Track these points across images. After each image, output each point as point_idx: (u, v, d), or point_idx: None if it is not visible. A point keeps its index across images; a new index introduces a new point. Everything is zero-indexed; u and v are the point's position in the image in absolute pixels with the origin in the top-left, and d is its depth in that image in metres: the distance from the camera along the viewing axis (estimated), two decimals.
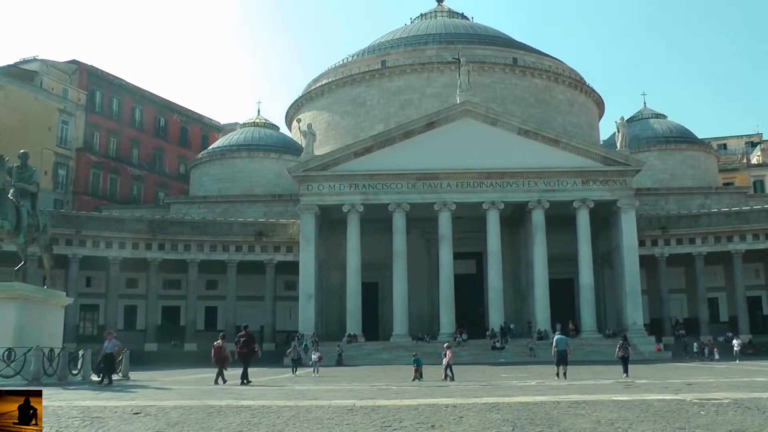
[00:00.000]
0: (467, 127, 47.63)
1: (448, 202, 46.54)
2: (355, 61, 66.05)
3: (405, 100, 60.71)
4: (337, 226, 49.53)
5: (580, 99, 66.75)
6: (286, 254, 50.14)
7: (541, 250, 46.25)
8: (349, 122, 62.79)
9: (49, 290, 24.25)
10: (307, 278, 45.88)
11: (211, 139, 75.91)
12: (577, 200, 46.65)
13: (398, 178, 46.99)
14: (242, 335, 22.97)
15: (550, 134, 48.27)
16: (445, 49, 62.05)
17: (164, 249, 49.57)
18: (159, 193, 70.86)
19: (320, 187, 47.21)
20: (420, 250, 51.71)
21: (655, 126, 62.85)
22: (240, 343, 22.63)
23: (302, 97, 69.10)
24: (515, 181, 46.83)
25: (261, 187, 58.58)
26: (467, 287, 50.47)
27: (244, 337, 22.71)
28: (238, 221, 51.86)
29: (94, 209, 58.15)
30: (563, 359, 23.74)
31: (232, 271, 50.25)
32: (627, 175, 47.21)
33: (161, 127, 73.75)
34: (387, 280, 48.15)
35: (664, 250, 50.05)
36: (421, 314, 50.03)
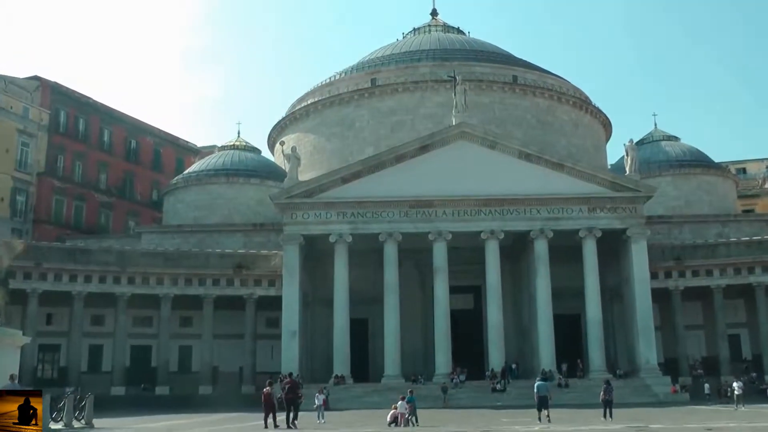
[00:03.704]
0: (464, 150, 48.23)
1: (444, 231, 46.89)
2: (343, 79, 66.85)
3: (397, 121, 61.40)
4: (323, 257, 49.70)
5: (585, 120, 67.72)
6: (268, 288, 50.18)
7: (545, 283, 46.55)
8: (337, 145, 63.34)
9: (4, 329, 24.15)
10: (290, 314, 45.91)
11: (187, 162, 76.22)
12: (584, 229, 47.12)
13: (390, 206, 47.37)
14: (287, 382, 27.65)
15: (553, 158, 48.93)
16: (440, 67, 62.95)
17: (134, 283, 49.55)
18: (129, 221, 70.92)
19: (305, 216, 47.49)
20: (413, 283, 51.88)
21: (667, 149, 63.62)
22: (286, 389, 27.00)
23: (286, 118, 69.69)
24: (516, 209, 47.30)
25: (241, 215, 58.83)
26: (465, 324, 50.58)
27: (290, 384, 27.16)
28: (216, 252, 51.99)
29: (57, 239, 58.16)
30: (544, 403, 27.42)
31: (209, 307, 50.22)
32: (637, 202, 47.79)
33: (132, 150, 74.11)
34: (378, 316, 48.23)
35: (679, 283, 50.40)
36: (414, 353, 50.01)
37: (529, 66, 68.16)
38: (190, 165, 71.32)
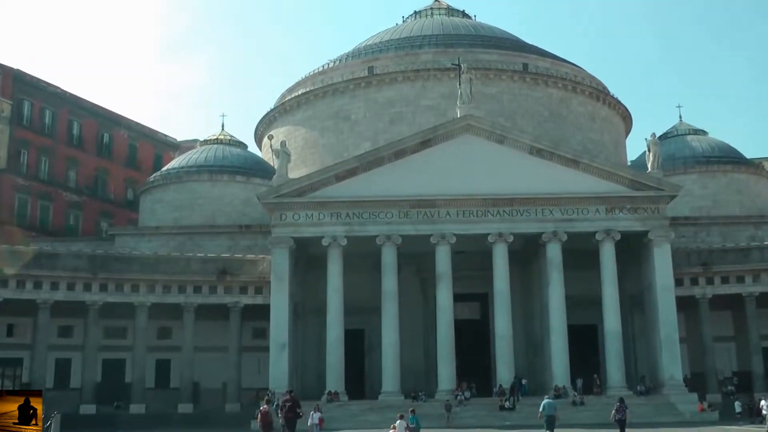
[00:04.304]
0: (469, 145, 48.75)
1: (447, 234, 47.40)
2: (338, 68, 67.36)
3: (396, 113, 61.91)
4: (315, 262, 50.19)
5: (603, 112, 68.26)
6: (255, 296, 50.65)
7: (558, 290, 47.05)
8: (330, 140, 63.83)
9: None
10: (279, 325, 46.36)
11: (166, 158, 76.68)
12: (601, 231, 47.61)
13: (388, 206, 47.86)
14: (287, 400, 27.80)
15: (567, 154, 49.47)
16: (443, 54, 63.49)
17: (107, 290, 49.88)
18: (101, 223, 71.37)
19: (296, 217, 47.97)
20: (414, 291, 52.39)
21: (693, 144, 64.10)
22: (285, 407, 27.30)
23: (275, 109, 70.19)
24: (527, 210, 47.81)
25: (225, 216, 59.32)
26: (470, 335, 51.07)
27: (290, 402, 27.37)
28: (198, 257, 52.45)
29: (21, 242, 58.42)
30: (551, 424, 28.35)
31: (190, 317, 50.67)
32: (660, 202, 48.30)
33: (105, 145, 74.58)
34: (375, 327, 48.66)
35: (707, 291, 50.87)
36: (415, 367, 50.45)
37: (541, 53, 68.69)
38: (169, 161, 71.73)
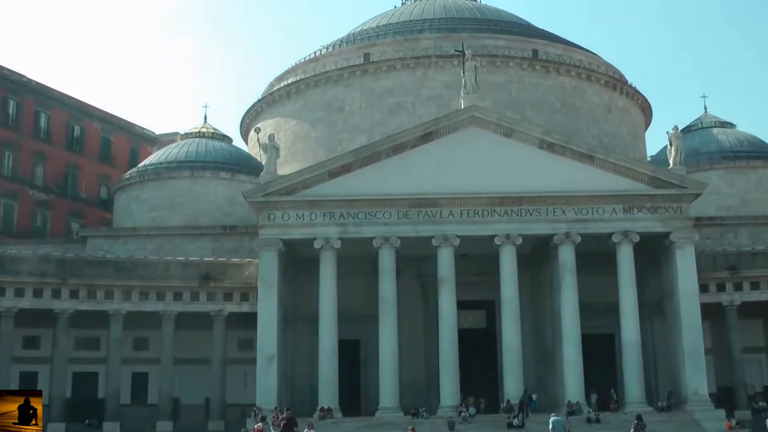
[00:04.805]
0: (474, 138, 48.88)
1: (450, 235, 47.50)
2: (331, 54, 67.48)
3: (394, 104, 62.06)
4: (307, 266, 50.29)
5: (620, 103, 68.47)
6: (241, 304, 50.73)
7: (572, 297, 47.18)
8: (323, 133, 63.94)
9: None
10: (267, 335, 46.43)
11: (143, 153, 76.72)
12: (618, 233, 47.73)
13: (386, 205, 47.96)
14: (284, 418, 28.80)
15: (581, 148, 49.59)
16: (446, 39, 63.66)
17: (77, 297, 49.87)
18: (72, 223, 71.29)
19: (285, 217, 48.04)
20: (414, 297, 52.50)
21: (719, 137, 64.21)
22: (281, 427, 28.17)
23: (262, 100, 70.30)
24: (537, 209, 47.90)
25: (208, 216, 59.40)
26: (476, 346, 51.20)
27: (285, 421, 28.27)
28: (178, 261, 52.52)
29: None
30: None
31: (169, 326, 50.74)
32: (683, 201, 48.42)
33: (75, 138, 74.53)
34: (372, 337, 48.77)
35: (735, 297, 50.88)
36: (415, 381, 50.60)
37: (553, 38, 68.91)
38: (146, 156, 71.83)
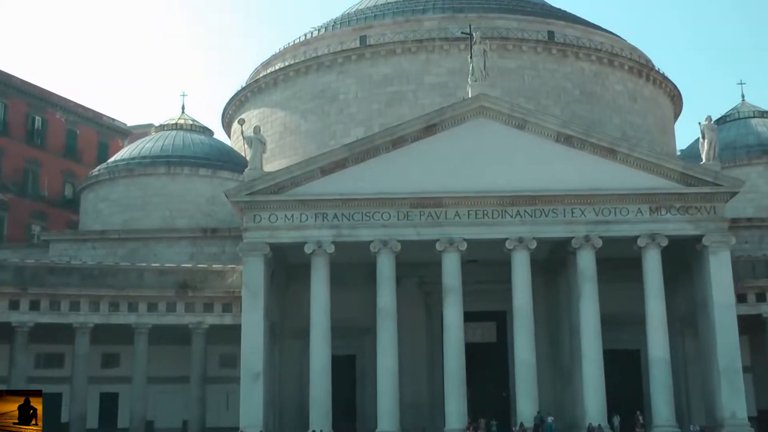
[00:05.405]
0: (483, 131, 48.86)
1: (457, 239, 47.44)
2: (323, 37, 67.42)
3: (394, 93, 62.02)
4: (297, 274, 50.28)
5: (646, 91, 68.47)
6: (223, 315, 50.68)
7: (592, 308, 47.10)
8: (315, 125, 63.90)
9: None
10: (252, 350, 46.34)
11: (113, 147, 76.72)
12: (644, 236, 47.67)
13: (385, 205, 47.90)
14: None
15: (602, 141, 49.53)
16: (451, 20, 63.67)
17: (39, 309, 49.82)
18: (32, 226, 71.28)
19: (273, 218, 47.98)
20: (416, 308, 52.54)
21: (758, 129, 64.34)
22: None
23: (246, 88, 70.25)
24: (553, 210, 47.85)
25: (186, 217, 59.42)
26: (485, 362, 51.25)
27: None
28: (152, 267, 52.46)
29: None
30: None
31: (142, 341, 50.64)
32: (717, 200, 48.37)
33: (36, 130, 74.49)
34: (369, 352, 48.91)
35: None
36: (418, 401, 50.62)
37: (571, 18, 68.95)
38: (117, 150, 71.78)
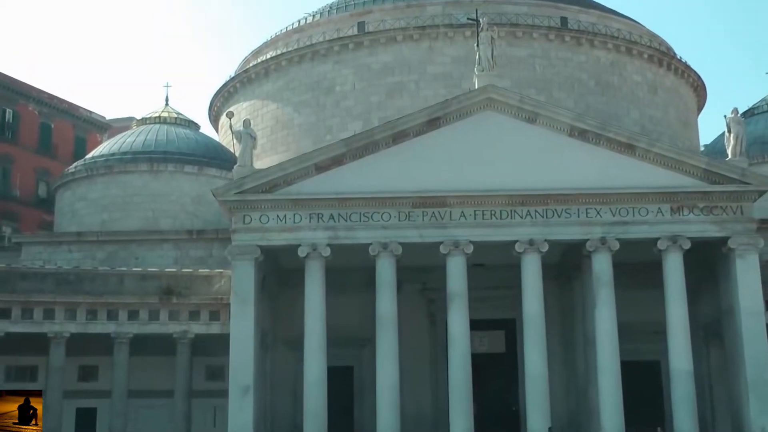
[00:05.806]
0: (491, 125, 48.69)
1: (462, 241, 47.26)
2: (318, 24, 67.43)
3: (394, 83, 62.02)
4: (289, 279, 50.19)
5: (667, 81, 68.49)
6: (210, 323, 50.57)
7: (609, 315, 46.88)
8: (309, 118, 63.87)
9: None
10: (242, 361, 46.11)
11: (92, 142, 76.80)
12: (665, 238, 47.48)
13: (384, 205, 47.73)
14: None
15: (620, 136, 49.30)
16: (457, 5, 63.62)
17: (9, 317, 49.56)
18: (3, 227, 71.26)
19: (264, 219, 47.83)
20: (419, 315, 52.52)
21: None
22: None
23: (235, 79, 70.26)
24: (566, 210, 47.64)
25: (170, 218, 59.36)
26: (493, 373, 51.29)
27: None
28: (134, 272, 52.39)
29: None
30: None
31: (122, 352, 50.50)
32: (744, 199, 48.13)
33: (7, 124, 74.71)
34: (368, 363, 48.87)
35: None
36: (420, 416, 50.63)
37: (586, 3, 68.93)
38: (95, 146, 71.93)
